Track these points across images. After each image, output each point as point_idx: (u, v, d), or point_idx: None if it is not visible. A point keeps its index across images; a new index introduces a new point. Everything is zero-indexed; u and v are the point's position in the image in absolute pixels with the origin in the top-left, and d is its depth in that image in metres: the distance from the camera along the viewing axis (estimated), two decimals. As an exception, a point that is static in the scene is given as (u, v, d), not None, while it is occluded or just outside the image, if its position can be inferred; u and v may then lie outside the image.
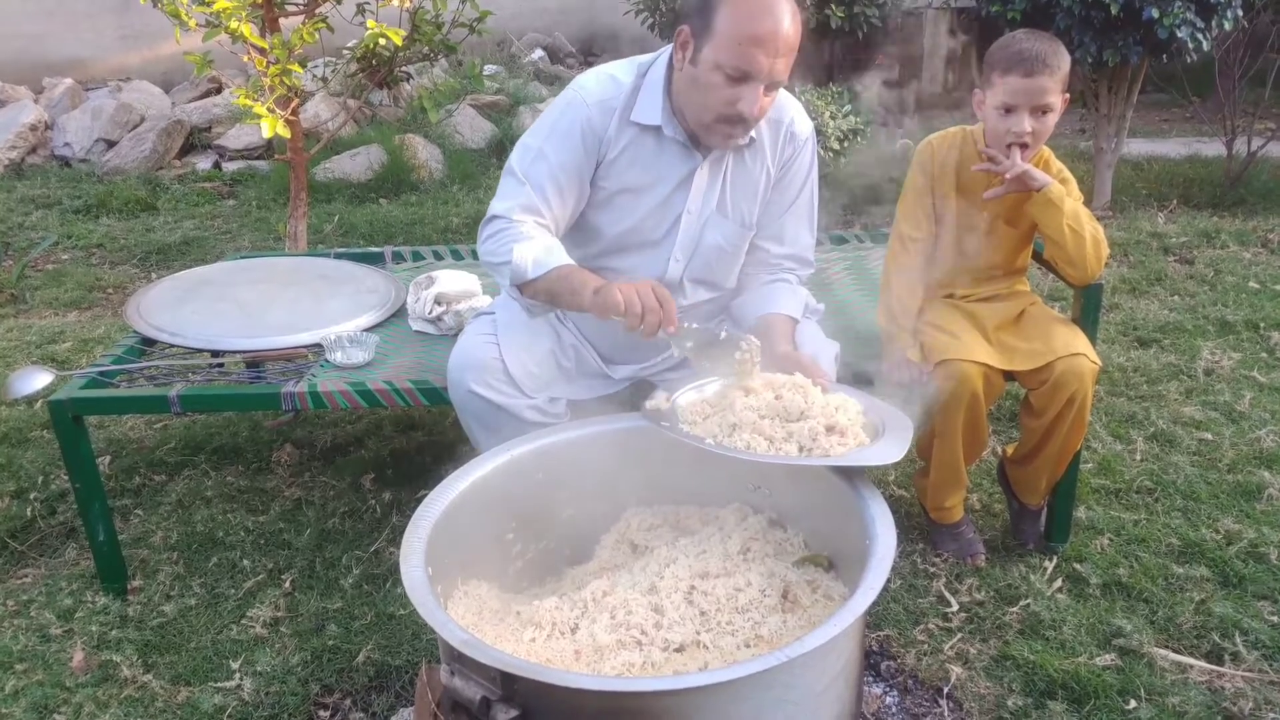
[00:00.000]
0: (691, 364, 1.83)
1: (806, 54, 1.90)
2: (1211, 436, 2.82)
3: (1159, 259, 4.29)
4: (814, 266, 2.20)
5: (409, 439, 3.00)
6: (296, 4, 3.78)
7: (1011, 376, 2.21)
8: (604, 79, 1.96)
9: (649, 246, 2.02)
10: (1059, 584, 2.23)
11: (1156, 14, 4.24)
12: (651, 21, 6.21)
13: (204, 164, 6.47)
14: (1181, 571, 2.25)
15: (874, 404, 1.74)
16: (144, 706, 1.96)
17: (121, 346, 2.43)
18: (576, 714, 1.24)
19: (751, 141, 1.98)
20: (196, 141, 6.76)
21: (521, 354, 1.96)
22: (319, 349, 2.38)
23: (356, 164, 5.80)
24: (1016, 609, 2.15)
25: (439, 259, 2.99)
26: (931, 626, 2.12)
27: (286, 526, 2.56)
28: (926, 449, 2.30)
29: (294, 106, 3.65)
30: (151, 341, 2.47)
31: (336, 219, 5.14)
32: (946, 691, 1.94)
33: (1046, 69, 2.08)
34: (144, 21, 7.46)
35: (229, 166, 6.44)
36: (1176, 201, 5.08)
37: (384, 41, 3.61)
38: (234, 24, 3.27)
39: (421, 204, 5.43)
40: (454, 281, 2.52)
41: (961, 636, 2.08)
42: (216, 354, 2.49)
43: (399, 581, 1.40)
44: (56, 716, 1.95)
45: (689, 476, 1.79)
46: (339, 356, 2.31)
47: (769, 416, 1.63)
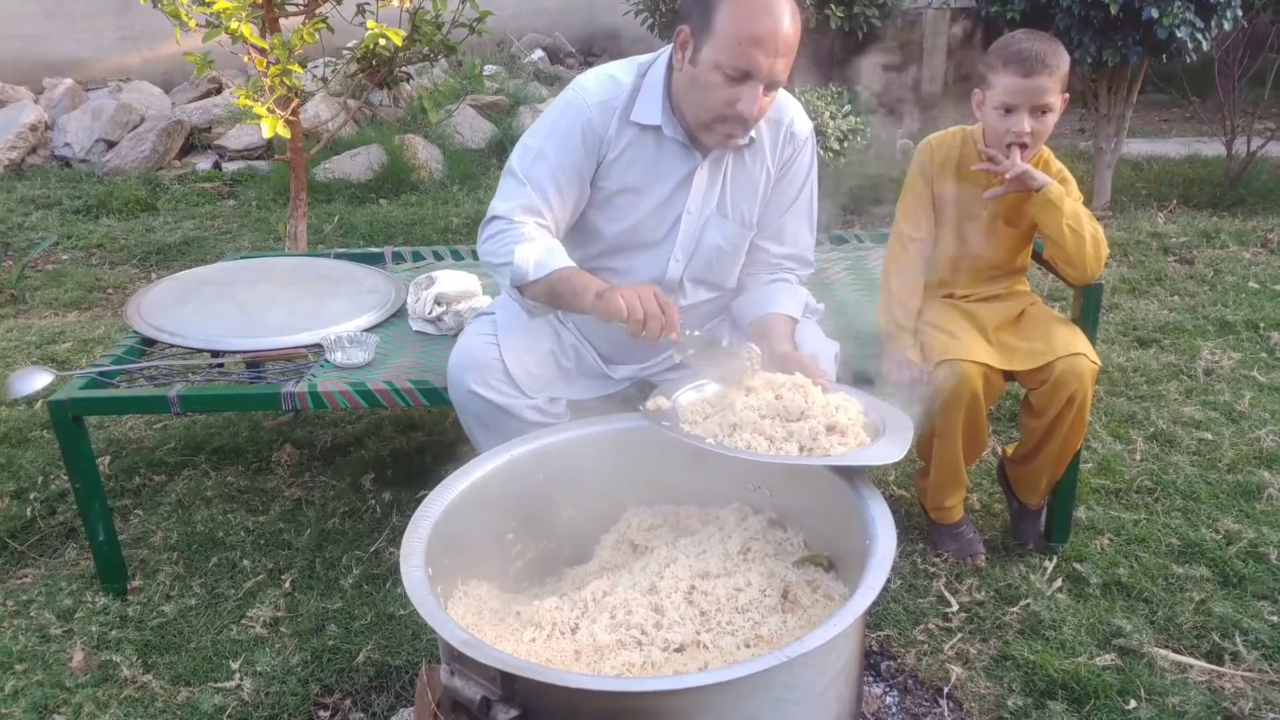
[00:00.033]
0: (692, 369, 1.84)
1: (806, 54, 1.90)
2: (1211, 436, 2.82)
3: (1159, 259, 4.29)
4: (814, 266, 2.20)
5: (409, 439, 3.00)
6: (296, 4, 3.78)
7: (1011, 376, 2.21)
8: (604, 79, 1.96)
9: (649, 247, 2.02)
10: (1059, 584, 2.23)
11: (1156, 14, 4.24)
12: (651, 22, 6.20)
13: (204, 164, 6.47)
14: (1181, 571, 2.25)
15: (874, 403, 1.74)
16: (144, 707, 1.96)
17: (121, 347, 2.43)
18: (576, 714, 1.24)
19: (751, 141, 1.98)
20: (196, 142, 6.76)
21: (521, 354, 1.96)
22: (319, 349, 2.38)
23: (356, 164, 5.79)
24: (1016, 609, 2.15)
25: (439, 259, 2.99)
26: (931, 626, 2.12)
27: (286, 526, 2.56)
28: (926, 449, 2.30)
29: (294, 107, 3.65)
30: (151, 342, 2.47)
31: (336, 219, 5.14)
32: (946, 691, 1.95)
33: (1046, 69, 2.09)
34: (144, 22, 7.46)
35: (229, 167, 6.44)
36: (1176, 201, 5.08)
37: (384, 42, 3.61)
38: (234, 24, 3.28)
39: (421, 204, 5.43)
40: (454, 282, 2.53)
41: (961, 636, 2.08)
42: (216, 354, 2.49)
43: (399, 581, 1.40)
44: (56, 717, 1.95)
45: (689, 476, 1.79)
46: (339, 357, 2.32)
47: (769, 416, 1.63)
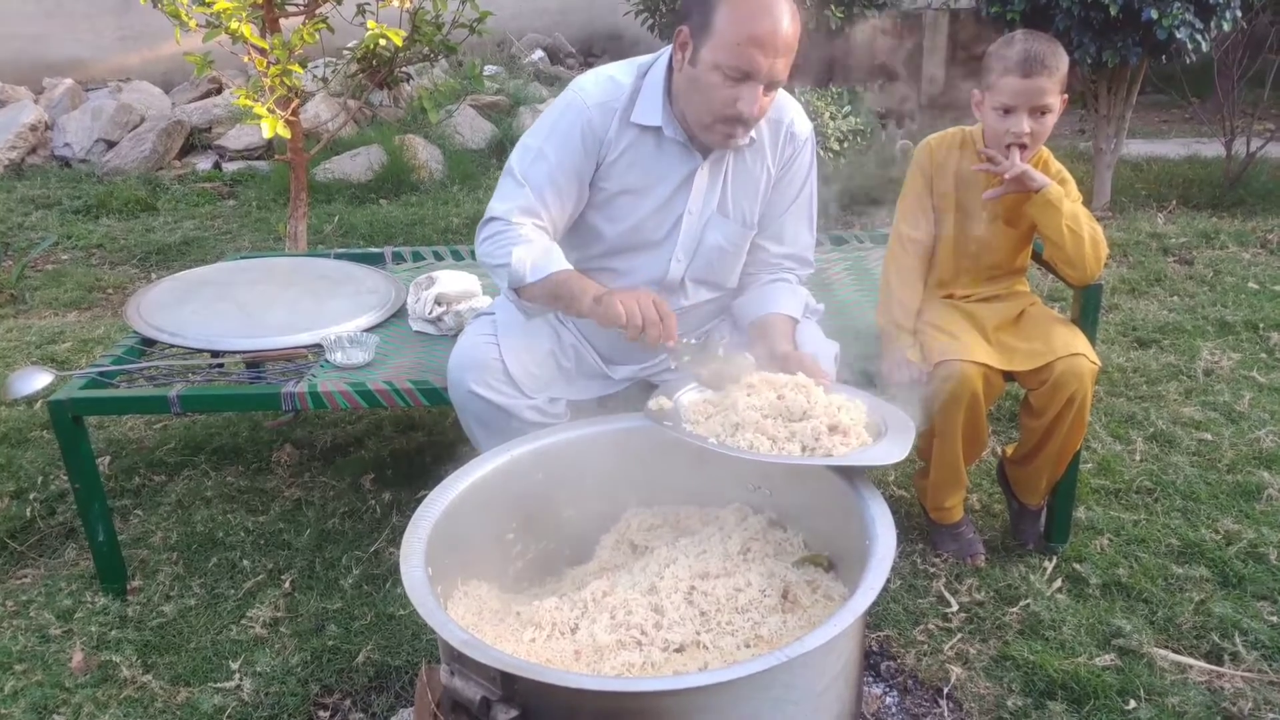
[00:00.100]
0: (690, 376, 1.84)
1: (806, 54, 1.90)
2: (1211, 437, 2.82)
3: (1158, 259, 4.29)
4: (814, 266, 2.21)
5: (409, 439, 3.00)
6: (297, 4, 3.78)
7: (1011, 377, 2.21)
8: (604, 80, 1.96)
9: (650, 247, 2.02)
10: (1059, 584, 2.23)
11: (1155, 15, 4.24)
12: (651, 22, 6.20)
13: (204, 164, 6.47)
14: (1181, 572, 2.25)
15: (875, 403, 1.74)
16: (143, 707, 1.96)
17: (121, 347, 2.43)
18: (576, 714, 1.24)
19: (751, 141, 1.98)
20: (196, 142, 6.76)
21: (521, 354, 1.96)
22: (319, 349, 2.38)
23: (356, 164, 5.80)
24: (1016, 609, 2.15)
25: (439, 259, 2.99)
26: (931, 627, 2.12)
27: (286, 527, 2.56)
28: (926, 449, 2.30)
29: (294, 107, 3.65)
30: (151, 342, 2.47)
31: (336, 219, 5.14)
32: (946, 692, 1.94)
33: (1045, 70, 2.09)
34: (144, 22, 7.46)
35: (229, 167, 6.44)
36: (1176, 202, 5.08)
37: (384, 42, 3.61)
38: (234, 24, 3.28)
39: (421, 204, 5.43)
40: (454, 282, 2.53)
41: (961, 637, 2.08)
42: (216, 354, 2.49)
43: (399, 581, 1.40)
44: (56, 717, 1.95)
45: (689, 476, 1.79)
46: (339, 357, 2.32)
47: (772, 416, 1.63)
